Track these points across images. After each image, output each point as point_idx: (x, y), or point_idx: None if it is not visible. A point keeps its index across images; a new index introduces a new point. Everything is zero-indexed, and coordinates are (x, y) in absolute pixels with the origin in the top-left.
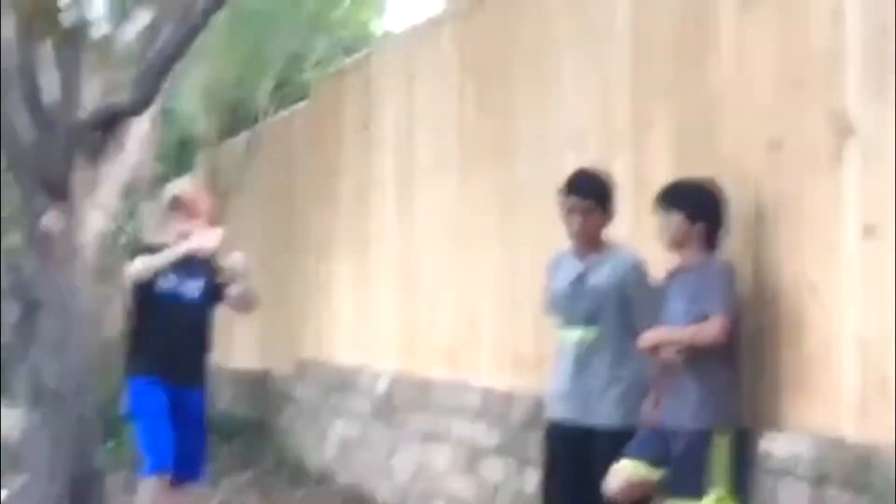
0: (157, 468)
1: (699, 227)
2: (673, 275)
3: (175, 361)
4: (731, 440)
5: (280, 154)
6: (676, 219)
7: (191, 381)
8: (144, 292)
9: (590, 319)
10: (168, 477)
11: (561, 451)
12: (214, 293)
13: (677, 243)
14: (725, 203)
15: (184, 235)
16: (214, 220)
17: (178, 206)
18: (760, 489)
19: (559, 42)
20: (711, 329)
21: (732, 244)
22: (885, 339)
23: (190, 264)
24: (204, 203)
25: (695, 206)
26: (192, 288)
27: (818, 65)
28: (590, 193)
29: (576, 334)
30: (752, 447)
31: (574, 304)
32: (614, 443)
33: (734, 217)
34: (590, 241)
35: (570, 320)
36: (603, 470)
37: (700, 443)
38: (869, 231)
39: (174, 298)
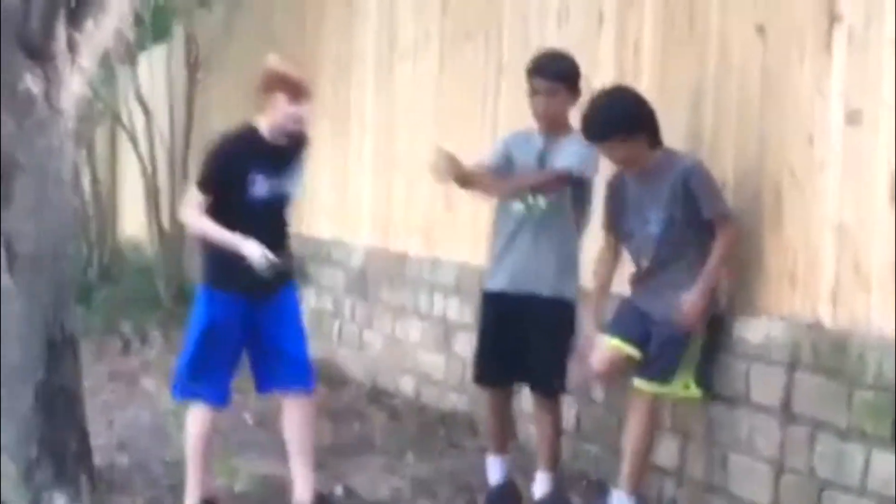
0: (211, 398)
1: (641, 138)
2: (625, 181)
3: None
4: (706, 329)
5: (259, 24)
6: (620, 145)
7: (273, 287)
8: (224, 197)
9: (540, 190)
10: (220, 407)
11: (501, 318)
12: (300, 181)
13: (633, 162)
14: (645, 100)
15: (297, 121)
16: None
17: (282, 85)
18: (735, 374)
19: None
20: (728, 238)
21: (716, 129)
22: (863, 226)
23: (281, 153)
24: (310, 82)
25: (629, 125)
26: (289, 182)
27: None
28: (555, 75)
29: (526, 203)
30: (727, 333)
31: None
32: (553, 311)
33: (720, 102)
34: (554, 123)
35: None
36: (539, 338)
37: (681, 333)
38: (853, 117)
39: (266, 205)
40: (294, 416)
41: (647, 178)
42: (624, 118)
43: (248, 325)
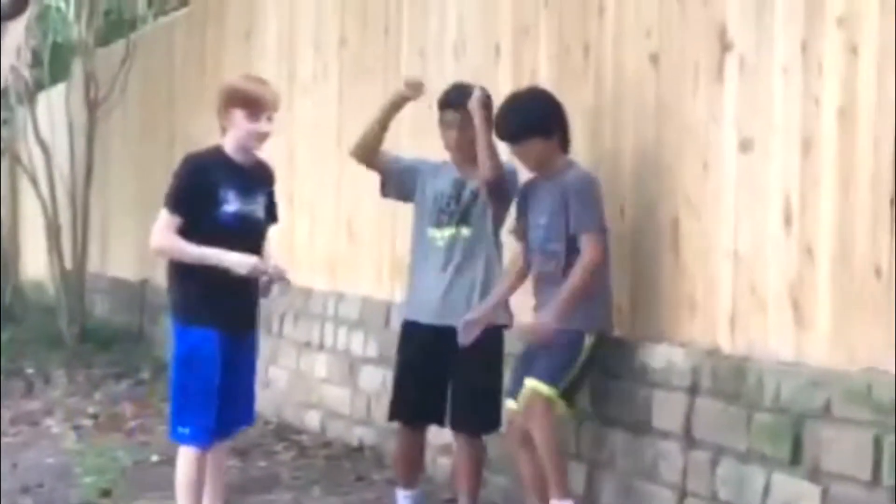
0: (198, 440)
1: (555, 140)
2: (533, 184)
3: (237, 303)
4: (592, 343)
5: (158, 62)
6: (535, 145)
7: (251, 323)
8: (195, 216)
9: (464, 220)
10: (207, 448)
11: (422, 351)
12: (273, 211)
13: (541, 164)
14: (559, 102)
15: (258, 138)
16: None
17: (240, 101)
18: (638, 400)
19: None
20: (589, 256)
21: (614, 157)
22: (758, 252)
23: (248, 174)
24: (273, 94)
25: (547, 125)
26: (259, 206)
27: None
28: (464, 107)
29: (449, 233)
30: (629, 359)
31: (452, 204)
32: (480, 341)
33: (617, 131)
34: (466, 154)
35: (442, 221)
36: (465, 373)
37: (565, 340)
38: (745, 145)
39: (240, 223)
40: (219, 455)
41: (547, 182)
42: (542, 118)
43: (224, 363)
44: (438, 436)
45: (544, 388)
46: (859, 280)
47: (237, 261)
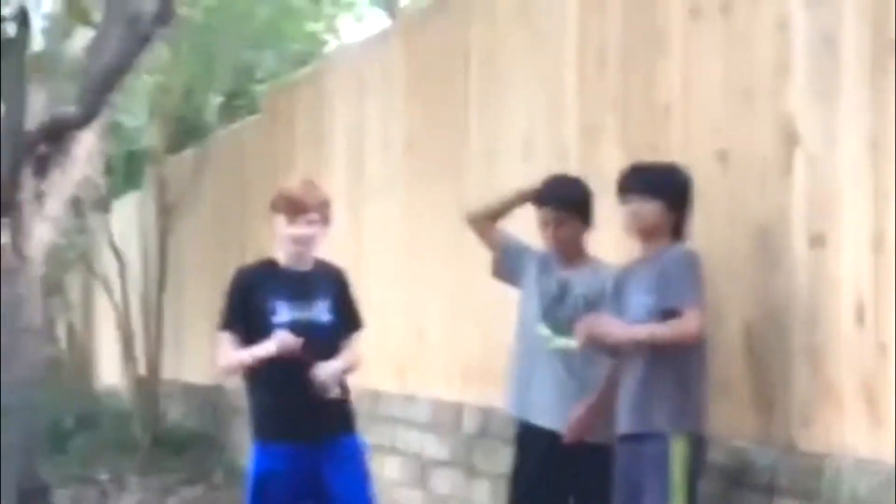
0: None
1: (674, 216)
2: (631, 267)
3: (304, 412)
4: (689, 446)
5: (230, 168)
6: (653, 207)
7: (329, 429)
8: (249, 330)
9: (571, 327)
10: None
11: (539, 457)
12: (350, 316)
13: (649, 233)
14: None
15: (297, 241)
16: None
17: (281, 205)
18: (713, 499)
19: (508, 53)
20: (689, 324)
21: None
22: (831, 349)
23: (304, 280)
24: (316, 197)
25: (673, 193)
26: (320, 311)
27: (765, 73)
28: (563, 203)
29: (562, 341)
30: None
31: (559, 309)
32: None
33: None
34: (568, 252)
35: (552, 325)
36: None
37: (665, 449)
38: (815, 241)
39: (296, 332)
40: None
41: (646, 263)
42: (673, 187)
43: (306, 477)
44: None
45: None
46: None
47: (266, 344)
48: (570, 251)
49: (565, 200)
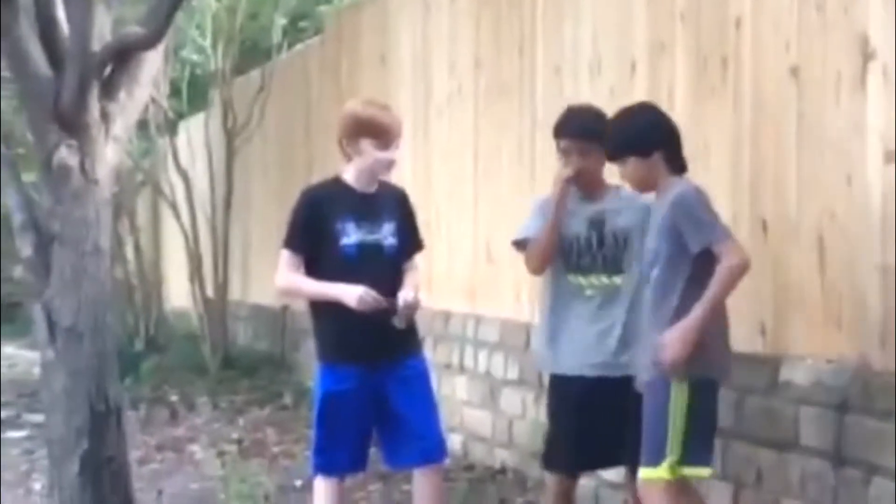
0: (327, 471)
1: (656, 157)
2: (653, 206)
3: (369, 335)
4: (691, 391)
5: (295, 90)
6: (632, 165)
7: (396, 351)
8: (316, 251)
9: (611, 267)
10: (337, 479)
11: (577, 403)
12: (413, 238)
13: (645, 184)
14: (667, 119)
15: (389, 166)
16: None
17: (369, 130)
18: (784, 418)
19: None
20: (731, 260)
21: (755, 174)
22: None
23: (372, 202)
24: (399, 122)
25: (638, 141)
26: (387, 234)
27: None
28: (586, 133)
29: (599, 281)
30: (772, 376)
31: (593, 249)
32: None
33: (757, 147)
34: (590, 184)
35: (586, 267)
36: (618, 419)
37: (651, 398)
38: (890, 156)
39: (363, 253)
40: (425, 490)
41: (656, 204)
42: (638, 137)
43: (372, 397)
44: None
45: (651, 473)
46: None
47: (343, 293)
48: (593, 182)
49: (588, 130)
